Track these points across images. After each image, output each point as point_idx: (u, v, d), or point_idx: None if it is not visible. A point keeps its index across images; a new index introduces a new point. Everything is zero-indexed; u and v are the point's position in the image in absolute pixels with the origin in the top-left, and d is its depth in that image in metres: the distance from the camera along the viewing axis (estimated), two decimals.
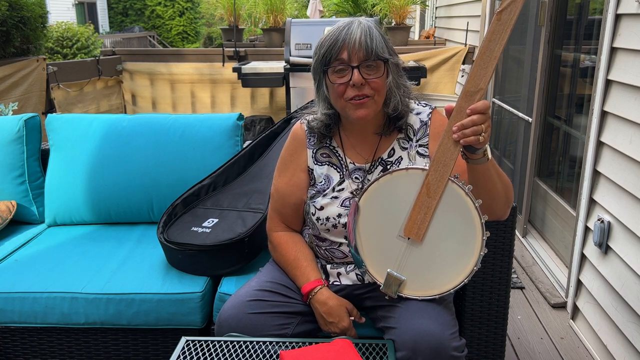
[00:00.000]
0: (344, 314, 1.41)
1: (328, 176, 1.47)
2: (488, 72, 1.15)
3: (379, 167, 1.45)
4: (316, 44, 1.39)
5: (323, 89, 1.40)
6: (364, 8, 7.30)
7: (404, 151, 1.44)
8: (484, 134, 1.15)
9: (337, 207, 1.43)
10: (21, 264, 1.85)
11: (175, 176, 2.08)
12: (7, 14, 3.81)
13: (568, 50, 2.89)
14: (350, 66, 1.31)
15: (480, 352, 1.72)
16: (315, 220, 1.45)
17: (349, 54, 1.31)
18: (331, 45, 1.32)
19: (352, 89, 1.32)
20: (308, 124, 1.50)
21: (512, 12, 1.12)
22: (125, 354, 1.74)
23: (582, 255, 2.31)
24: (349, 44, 1.31)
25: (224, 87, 4.90)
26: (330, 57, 1.33)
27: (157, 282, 1.71)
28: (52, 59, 7.25)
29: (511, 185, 1.34)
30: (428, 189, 1.24)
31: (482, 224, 1.23)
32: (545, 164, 3.15)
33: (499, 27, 1.13)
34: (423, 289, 1.32)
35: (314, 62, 1.39)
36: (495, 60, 1.14)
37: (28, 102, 3.86)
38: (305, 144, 1.50)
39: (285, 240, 1.53)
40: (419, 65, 4.22)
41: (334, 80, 1.34)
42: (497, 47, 1.13)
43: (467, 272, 1.27)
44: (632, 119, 1.93)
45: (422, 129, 1.45)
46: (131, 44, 13.66)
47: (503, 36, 1.13)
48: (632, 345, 1.90)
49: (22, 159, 2.17)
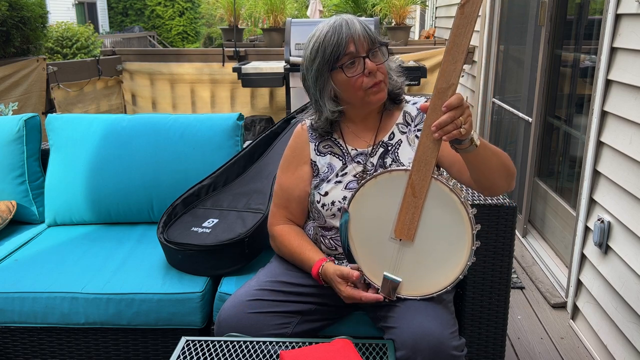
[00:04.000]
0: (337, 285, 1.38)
1: (331, 164, 1.52)
2: (457, 66, 1.14)
3: (380, 149, 1.50)
4: (308, 48, 1.43)
5: (330, 88, 1.43)
6: (364, 8, 7.29)
7: (402, 135, 1.51)
8: (465, 125, 1.16)
9: (341, 190, 1.47)
10: (21, 264, 1.85)
11: (175, 176, 2.08)
12: (7, 14, 3.81)
13: (568, 50, 2.89)
14: (360, 57, 1.38)
15: (480, 352, 1.72)
16: (321, 207, 1.48)
17: (355, 46, 1.38)
18: (336, 44, 1.37)
19: (368, 78, 1.39)
20: (311, 125, 1.55)
21: (475, 4, 1.12)
22: (125, 354, 1.74)
23: (582, 255, 2.31)
24: (353, 37, 1.37)
25: (224, 87, 4.90)
26: (338, 54, 1.38)
27: (157, 282, 1.71)
28: (52, 59, 7.25)
29: (508, 158, 1.35)
30: (413, 188, 1.24)
31: (471, 218, 1.23)
32: (545, 164, 3.15)
33: (463, 21, 1.13)
34: (420, 288, 1.32)
35: (317, 64, 1.41)
36: (463, 54, 1.14)
37: (28, 102, 3.86)
38: (307, 139, 1.55)
39: (288, 231, 1.55)
40: (419, 65, 4.22)
41: (350, 75, 1.39)
42: (464, 41, 1.13)
43: (461, 267, 1.27)
44: (632, 119, 1.93)
45: (420, 115, 1.52)
46: (131, 44, 13.66)
47: (468, 29, 1.13)
48: (632, 345, 1.90)
49: (22, 159, 2.17)
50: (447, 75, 1.16)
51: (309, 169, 1.54)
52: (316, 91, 1.45)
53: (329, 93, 1.44)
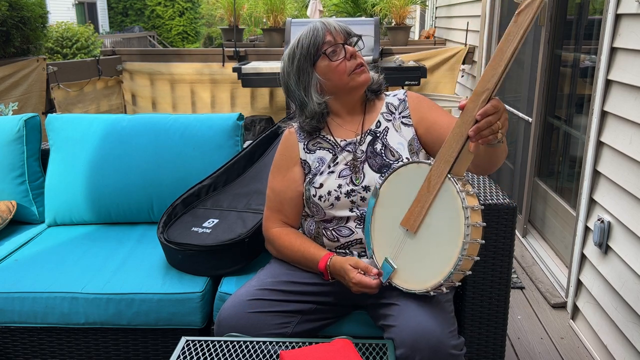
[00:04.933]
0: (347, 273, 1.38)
1: (321, 158, 1.54)
2: (497, 72, 1.13)
3: (368, 137, 1.54)
4: (285, 56, 1.52)
5: (315, 82, 1.49)
6: (364, 8, 7.29)
7: (388, 122, 1.56)
8: (502, 129, 1.19)
9: (335, 179, 1.50)
10: (21, 264, 1.85)
11: (175, 176, 2.08)
12: (7, 14, 3.81)
13: (568, 50, 2.89)
14: (339, 44, 1.47)
15: (480, 352, 1.72)
16: (318, 200, 1.49)
17: (332, 36, 1.48)
18: (313, 37, 1.47)
19: (350, 62, 1.47)
20: (299, 126, 1.58)
21: (527, 14, 1.10)
22: (125, 354, 1.74)
23: (582, 255, 2.31)
24: (329, 29, 1.48)
25: (224, 87, 4.90)
26: (317, 45, 1.46)
27: (157, 282, 1.71)
28: (52, 59, 7.25)
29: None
30: (429, 183, 1.27)
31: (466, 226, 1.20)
32: (545, 164, 3.15)
33: (514, 29, 1.12)
34: (408, 281, 1.33)
35: (297, 63, 1.49)
36: (505, 61, 1.12)
37: (28, 102, 3.86)
38: (296, 140, 1.58)
39: (287, 233, 1.56)
40: (419, 65, 4.22)
41: (334, 60, 1.46)
42: (509, 49, 1.12)
43: (442, 276, 1.24)
44: (632, 119, 1.93)
45: (402, 104, 1.58)
46: (131, 44, 13.66)
47: (515, 37, 1.12)
48: (632, 345, 1.90)
49: (22, 159, 2.17)
50: (485, 80, 1.15)
51: (300, 169, 1.56)
52: (300, 90, 1.50)
53: (315, 86, 1.49)
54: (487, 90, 1.15)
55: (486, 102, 1.15)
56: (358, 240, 1.49)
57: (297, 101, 1.53)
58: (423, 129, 1.54)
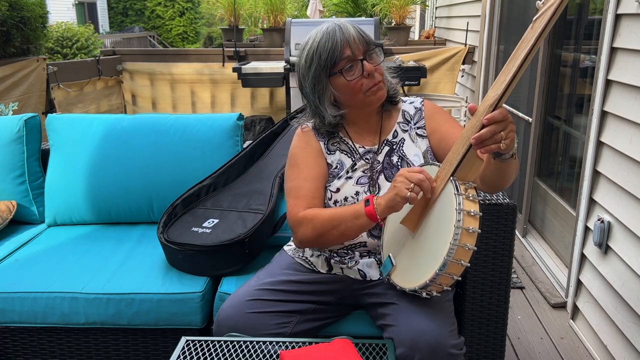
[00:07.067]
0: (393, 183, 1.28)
1: (341, 161, 1.51)
2: (508, 77, 1.11)
3: (385, 148, 1.51)
4: (302, 56, 1.42)
5: (330, 94, 1.43)
6: (364, 8, 7.30)
7: (405, 133, 1.53)
8: (506, 140, 1.13)
9: (353, 185, 1.47)
10: (21, 264, 1.85)
11: (175, 176, 2.08)
12: (7, 14, 3.82)
13: (568, 50, 2.89)
14: (357, 60, 1.38)
15: (480, 352, 1.72)
16: (333, 204, 1.46)
17: (352, 50, 1.38)
18: (332, 49, 1.37)
19: (367, 80, 1.40)
20: (313, 126, 1.53)
21: (542, 19, 1.08)
22: (125, 354, 1.74)
23: (582, 255, 2.31)
24: (349, 41, 1.38)
25: (224, 87, 4.91)
26: (335, 59, 1.37)
27: (157, 282, 1.71)
28: (52, 59, 7.25)
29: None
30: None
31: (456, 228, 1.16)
32: (545, 164, 3.15)
33: (528, 35, 1.10)
34: (403, 279, 1.33)
35: (313, 71, 1.40)
36: (516, 67, 1.09)
37: (28, 102, 3.86)
38: (314, 137, 1.53)
39: (318, 209, 1.44)
40: (419, 65, 4.22)
41: (349, 78, 1.39)
42: (522, 54, 1.09)
43: (430, 276, 1.20)
44: (632, 119, 1.93)
45: (418, 114, 1.55)
46: (131, 44, 13.66)
47: (530, 43, 1.09)
48: (632, 345, 1.90)
49: (22, 159, 2.17)
50: (497, 85, 1.14)
51: (324, 163, 1.50)
52: (315, 97, 1.45)
53: (329, 98, 1.44)
54: (496, 95, 1.13)
55: (494, 108, 1.13)
56: (362, 243, 1.48)
57: (311, 105, 1.48)
58: (436, 140, 1.50)
